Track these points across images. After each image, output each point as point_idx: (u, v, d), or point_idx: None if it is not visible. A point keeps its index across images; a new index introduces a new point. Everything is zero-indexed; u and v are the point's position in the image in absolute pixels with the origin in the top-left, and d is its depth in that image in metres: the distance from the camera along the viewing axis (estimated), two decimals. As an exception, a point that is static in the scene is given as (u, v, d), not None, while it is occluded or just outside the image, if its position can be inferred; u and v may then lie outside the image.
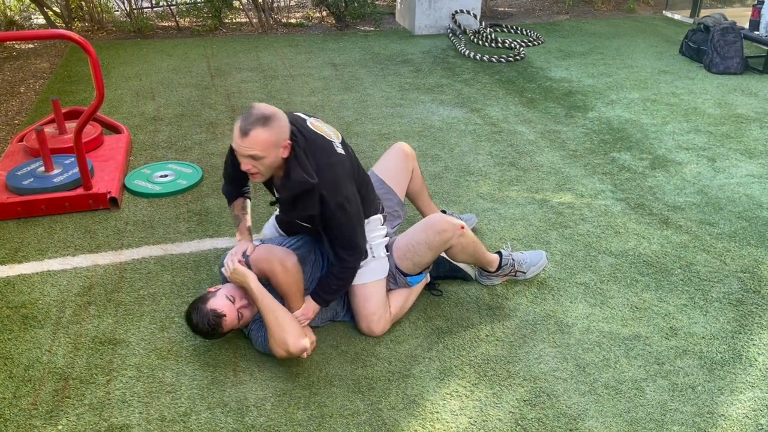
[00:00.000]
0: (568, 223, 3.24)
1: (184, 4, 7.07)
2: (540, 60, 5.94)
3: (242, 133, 2.06)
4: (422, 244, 2.42)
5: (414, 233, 2.47)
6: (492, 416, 2.11)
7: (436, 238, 2.40)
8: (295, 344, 2.17)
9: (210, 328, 2.21)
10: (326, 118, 4.53)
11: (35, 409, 2.12)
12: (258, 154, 2.08)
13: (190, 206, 3.38)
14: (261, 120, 2.06)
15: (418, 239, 2.43)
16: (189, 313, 2.26)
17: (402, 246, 2.47)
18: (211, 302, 2.24)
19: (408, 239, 2.47)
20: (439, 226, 2.41)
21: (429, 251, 2.43)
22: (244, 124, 2.06)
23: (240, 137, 2.07)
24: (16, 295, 2.68)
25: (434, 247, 2.43)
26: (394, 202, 2.73)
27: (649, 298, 2.69)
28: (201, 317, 2.21)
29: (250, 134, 2.05)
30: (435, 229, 2.41)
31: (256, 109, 2.09)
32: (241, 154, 2.11)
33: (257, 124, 2.05)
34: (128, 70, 5.55)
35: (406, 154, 2.80)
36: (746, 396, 2.20)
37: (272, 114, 2.09)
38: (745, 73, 5.56)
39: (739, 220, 3.28)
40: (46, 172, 3.38)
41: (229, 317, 2.23)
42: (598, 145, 4.14)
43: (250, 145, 2.06)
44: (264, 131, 2.06)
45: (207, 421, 2.08)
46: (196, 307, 2.24)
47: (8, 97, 4.99)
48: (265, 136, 2.06)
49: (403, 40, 6.64)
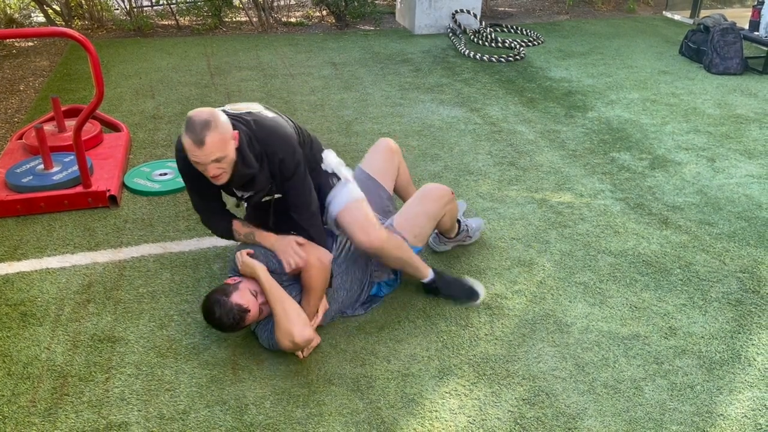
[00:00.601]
0: (567, 222, 3.24)
1: (184, 2, 7.07)
2: (540, 60, 5.94)
3: (198, 144, 2.06)
4: (422, 215, 2.51)
5: (411, 207, 2.55)
6: (491, 415, 2.11)
7: (435, 205, 2.51)
8: (300, 334, 2.19)
9: (234, 322, 2.21)
10: (326, 117, 4.53)
11: (34, 407, 2.12)
12: (220, 155, 2.10)
13: (189, 204, 3.37)
14: (206, 125, 2.07)
15: (416, 211, 2.51)
16: (211, 306, 2.22)
17: (402, 222, 2.52)
18: (235, 296, 2.23)
19: (407, 215, 2.54)
20: (435, 194, 2.54)
21: (429, 221, 2.54)
22: (194, 136, 2.06)
23: (197, 148, 2.07)
24: (15, 292, 2.68)
25: (434, 216, 2.54)
26: (384, 197, 2.75)
27: (649, 297, 2.70)
28: (225, 311, 2.20)
29: (206, 141, 2.06)
30: (432, 197, 2.52)
31: (194, 118, 2.08)
32: (203, 163, 2.11)
33: (206, 129, 2.06)
34: (128, 68, 5.55)
35: (391, 150, 2.84)
36: (745, 396, 2.20)
37: (210, 114, 2.10)
38: (745, 74, 5.56)
39: (739, 220, 3.28)
40: (45, 170, 3.38)
41: (252, 312, 2.24)
42: (598, 145, 4.14)
43: (210, 151, 2.08)
44: (215, 133, 2.08)
45: (206, 419, 2.08)
46: (219, 300, 2.21)
47: (8, 94, 4.98)
48: (218, 137, 2.08)
49: (403, 39, 6.64)
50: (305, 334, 2.20)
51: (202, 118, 2.08)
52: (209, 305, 2.22)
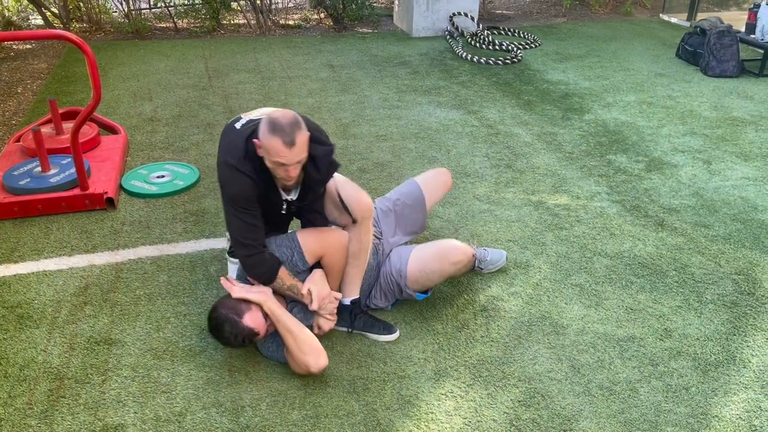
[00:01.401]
0: (563, 224, 3.25)
1: (182, 5, 7.07)
2: (537, 62, 5.96)
3: (290, 144, 2.02)
4: (436, 272, 2.48)
5: (428, 260, 2.48)
6: (487, 417, 2.12)
7: (452, 269, 2.47)
8: (316, 365, 2.18)
9: (240, 343, 2.20)
10: (323, 119, 4.54)
11: (30, 409, 2.12)
12: (305, 155, 2.09)
13: (187, 207, 3.38)
14: (296, 124, 2.05)
15: (432, 268, 2.47)
16: (221, 323, 2.16)
17: (415, 271, 2.48)
18: (247, 318, 2.17)
19: (421, 265, 2.48)
20: (455, 257, 2.47)
21: (441, 278, 2.52)
22: (286, 137, 2.01)
23: (288, 149, 2.02)
24: (12, 294, 2.68)
25: (447, 275, 2.51)
26: (419, 221, 2.78)
27: (644, 299, 2.70)
28: (235, 333, 2.16)
29: (296, 142, 2.03)
30: (451, 260, 2.46)
31: (281, 119, 2.04)
32: (290, 164, 2.06)
33: (295, 129, 2.03)
34: (126, 70, 5.56)
35: (447, 186, 2.87)
36: (740, 397, 2.21)
37: (294, 115, 2.08)
38: (741, 77, 5.58)
39: (734, 222, 3.29)
40: (42, 172, 3.38)
41: (260, 334, 2.22)
42: (594, 148, 4.15)
43: (300, 150, 2.05)
44: (303, 133, 2.06)
45: (202, 421, 2.08)
46: (231, 319, 2.16)
47: (5, 97, 4.99)
48: (305, 137, 2.07)
49: (400, 42, 6.66)
50: (320, 363, 2.18)
51: (288, 119, 2.04)
52: (220, 321, 2.17)
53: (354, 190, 2.40)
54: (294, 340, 2.18)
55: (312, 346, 2.20)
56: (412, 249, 2.56)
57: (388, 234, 2.68)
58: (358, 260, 2.44)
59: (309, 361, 2.18)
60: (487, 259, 2.82)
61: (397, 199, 2.75)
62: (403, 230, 2.73)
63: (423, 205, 2.76)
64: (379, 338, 2.45)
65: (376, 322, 2.48)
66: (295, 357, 2.20)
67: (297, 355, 2.19)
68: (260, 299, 2.21)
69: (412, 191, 2.77)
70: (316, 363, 2.18)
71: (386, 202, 2.76)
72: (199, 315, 2.57)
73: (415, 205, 2.75)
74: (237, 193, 2.13)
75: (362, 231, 2.40)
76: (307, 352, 2.18)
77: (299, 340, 2.19)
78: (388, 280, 2.53)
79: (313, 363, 2.18)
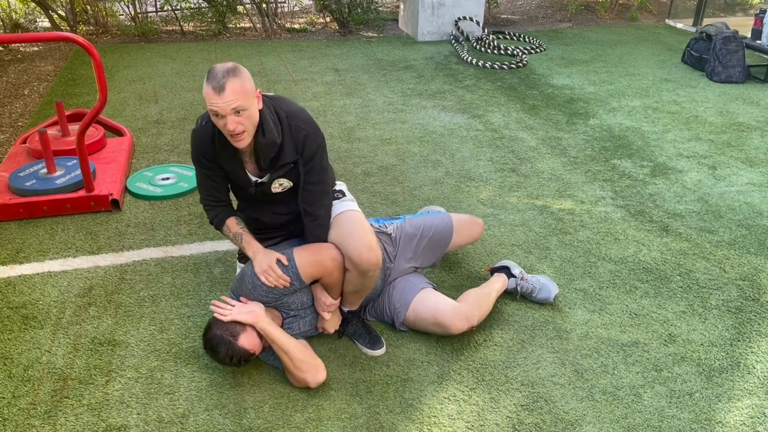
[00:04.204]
0: (568, 229, 3.24)
1: (189, 8, 7.10)
2: (542, 67, 5.96)
3: (218, 90, 1.98)
4: (429, 327, 2.44)
5: (426, 315, 2.42)
6: (489, 421, 2.11)
7: (439, 331, 2.42)
8: (314, 381, 2.19)
9: (236, 363, 2.18)
10: (328, 122, 4.54)
11: (34, 409, 2.13)
12: (241, 104, 2.01)
13: (191, 209, 3.39)
14: (230, 71, 2.01)
15: (427, 323, 2.42)
16: (216, 344, 2.14)
17: (411, 317, 2.45)
18: (242, 339, 2.14)
19: (418, 315, 2.44)
20: (446, 328, 2.39)
21: (428, 331, 2.48)
22: (215, 83, 1.99)
23: (217, 94, 1.98)
24: (16, 295, 2.69)
25: (434, 333, 2.46)
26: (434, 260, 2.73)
27: (648, 304, 2.70)
28: (230, 353, 2.14)
29: (226, 87, 1.98)
30: (443, 329, 2.39)
31: (218, 67, 2.02)
32: (224, 112, 2.01)
33: (228, 75, 2.00)
34: (132, 73, 5.58)
35: (474, 238, 2.81)
36: (744, 403, 2.20)
37: (235, 65, 2.05)
38: (747, 82, 5.56)
39: (739, 228, 3.28)
40: (48, 173, 3.40)
41: (256, 354, 2.22)
42: (599, 152, 4.14)
43: (231, 97, 1.99)
44: (237, 80, 2.01)
45: (205, 423, 2.09)
46: (226, 340, 2.13)
47: (12, 99, 5.01)
48: (239, 85, 2.01)
49: (406, 46, 6.67)
50: (318, 378, 2.19)
51: (224, 66, 2.01)
52: (215, 343, 2.15)
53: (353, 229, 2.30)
54: (290, 360, 2.18)
55: (309, 363, 2.19)
56: (417, 293, 2.49)
57: (402, 259, 2.60)
58: (359, 295, 2.41)
59: (307, 378, 2.18)
60: (533, 296, 2.69)
61: (427, 228, 2.66)
62: (417, 260, 2.65)
63: (446, 246, 2.71)
64: (363, 350, 2.42)
65: (365, 332, 2.46)
66: (293, 374, 2.20)
67: (294, 373, 2.19)
68: (252, 321, 2.16)
69: (443, 231, 2.68)
70: (314, 379, 2.18)
71: (415, 227, 2.66)
72: (202, 317, 2.57)
73: (440, 245, 2.68)
74: (194, 152, 2.27)
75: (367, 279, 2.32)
76: (305, 370, 2.18)
77: (295, 359, 2.18)
78: (386, 309, 2.52)
79: (312, 380, 2.18)
